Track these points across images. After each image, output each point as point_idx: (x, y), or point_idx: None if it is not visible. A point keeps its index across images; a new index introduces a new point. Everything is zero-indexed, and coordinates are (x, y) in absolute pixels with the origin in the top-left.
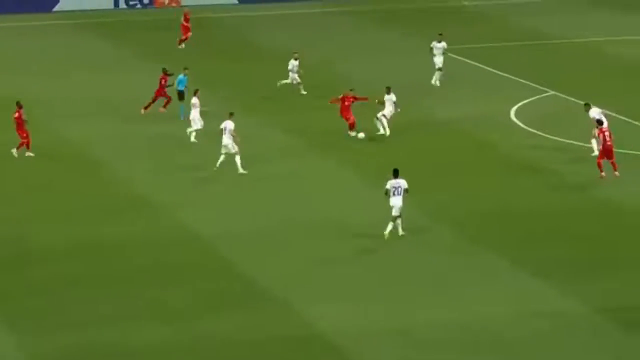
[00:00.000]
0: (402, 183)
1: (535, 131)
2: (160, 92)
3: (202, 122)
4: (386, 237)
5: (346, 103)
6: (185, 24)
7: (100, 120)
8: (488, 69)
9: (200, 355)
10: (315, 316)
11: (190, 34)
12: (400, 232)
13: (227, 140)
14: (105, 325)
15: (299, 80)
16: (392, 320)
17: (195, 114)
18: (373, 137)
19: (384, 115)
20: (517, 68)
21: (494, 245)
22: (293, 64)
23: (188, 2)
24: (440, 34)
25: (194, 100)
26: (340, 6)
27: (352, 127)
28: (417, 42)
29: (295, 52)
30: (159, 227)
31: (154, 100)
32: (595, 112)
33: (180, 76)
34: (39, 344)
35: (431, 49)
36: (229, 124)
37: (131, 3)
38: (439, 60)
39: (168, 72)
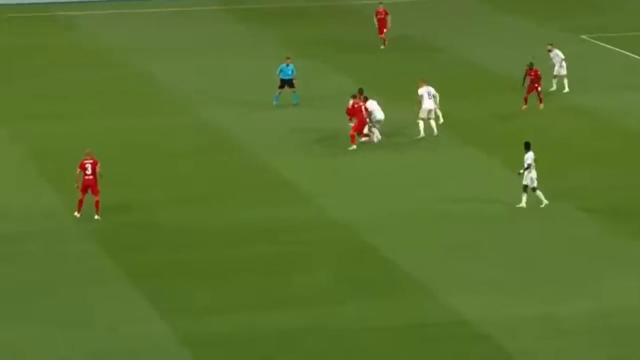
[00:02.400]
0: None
1: None
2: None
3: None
4: (524, 206)
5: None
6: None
7: (245, 106)
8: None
9: (342, 339)
10: (457, 304)
11: (385, 30)
12: (545, 201)
13: None
14: (251, 310)
15: (564, 72)
16: (536, 310)
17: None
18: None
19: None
20: None
21: (637, 235)
22: (554, 54)
23: None
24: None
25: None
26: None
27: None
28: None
29: (550, 44)
30: (300, 212)
31: (530, 92)
32: None
33: (283, 65)
34: (191, 327)
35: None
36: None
37: None
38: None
39: (533, 66)
